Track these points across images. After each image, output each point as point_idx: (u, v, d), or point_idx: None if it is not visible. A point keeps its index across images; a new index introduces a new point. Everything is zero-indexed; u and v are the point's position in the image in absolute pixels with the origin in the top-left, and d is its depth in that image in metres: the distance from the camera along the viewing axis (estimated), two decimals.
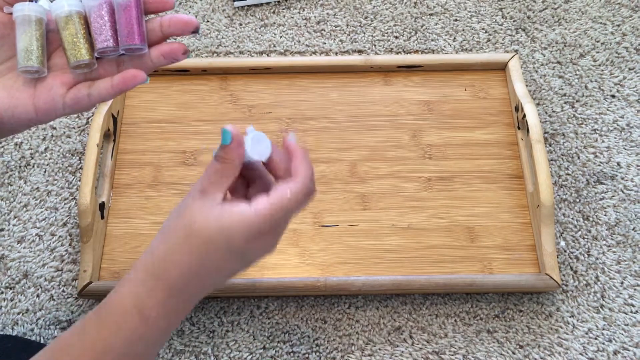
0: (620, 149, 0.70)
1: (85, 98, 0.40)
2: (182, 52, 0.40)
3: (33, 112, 0.39)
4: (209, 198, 0.37)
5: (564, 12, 0.80)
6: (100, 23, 0.39)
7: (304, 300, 0.62)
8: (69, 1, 0.39)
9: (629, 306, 0.62)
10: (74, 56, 0.39)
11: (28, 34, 0.39)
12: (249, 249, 0.37)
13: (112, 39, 0.39)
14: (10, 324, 0.61)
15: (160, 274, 0.37)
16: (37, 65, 0.39)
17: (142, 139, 0.70)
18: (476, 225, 0.65)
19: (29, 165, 0.69)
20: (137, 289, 0.37)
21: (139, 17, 0.39)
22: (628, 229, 0.66)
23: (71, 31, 0.39)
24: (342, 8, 0.80)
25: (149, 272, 0.37)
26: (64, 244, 0.65)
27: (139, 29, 0.39)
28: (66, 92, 0.40)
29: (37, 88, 0.40)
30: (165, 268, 0.37)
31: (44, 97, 0.39)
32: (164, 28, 0.40)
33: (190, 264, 0.37)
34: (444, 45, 0.77)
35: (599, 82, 0.74)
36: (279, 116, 0.71)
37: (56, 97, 0.39)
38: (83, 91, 0.40)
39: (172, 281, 0.37)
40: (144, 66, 0.40)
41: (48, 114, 0.40)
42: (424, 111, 0.71)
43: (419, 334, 0.61)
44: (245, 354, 0.60)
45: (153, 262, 0.37)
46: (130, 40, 0.39)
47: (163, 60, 0.40)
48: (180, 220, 0.37)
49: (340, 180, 0.67)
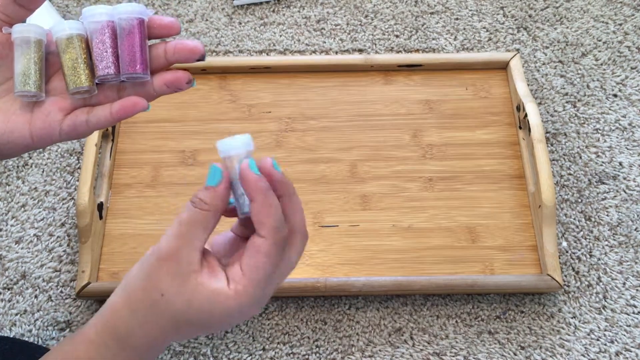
0: (622, 149, 0.70)
1: (83, 125, 0.38)
2: (186, 81, 0.38)
3: (29, 138, 0.38)
4: (181, 263, 0.32)
5: (566, 11, 0.79)
6: (101, 49, 0.38)
7: (304, 301, 0.62)
8: (70, 24, 0.38)
9: (631, 307, 0.62)
10: (73, 82, 0.38)
11: (26, 57, 0.37)
12: (230, 323, 0.34)
13: (113, 66, 0.38)
14: (8, 325, 0.61)
15: (125, 342, 0.34)
16: (35, 90, 0.38)
17: (141, 139, 0.69)
18: (477, 225, 0.64)
19: (27, 165, 0.69)
20: (99, 351, 0.34)
21: (142, 44, 0.37)
22: (630, 229, 0.65)
23: (72, 55, 0.38)
24: (342, 7, 0.80)
25: (113, 336, 0.34)
26: (62, 244, 0.65)
27: (142, 57, 0.37)
28: (63, 118, 0.39)
29: (34, 113, 0.38)
30: (130, 335, 0.34)
31: (41, 123, 0.38)
32: (168, 55, 0.38)
33: (156, 338, 0.34)
34: (445, 44, 0.77)
35: (601, 82, 0.74)
36: (279, 116, 0.70)
37: (53, 124, 0.38)
38: (81, 117, 0.38)
39: (138, 351, 0.34)
40: (146, 94, 0.39)
41: (44, 140, 0.39)
42: (425, 111, 0.71)
43: (419, 335, 0.60)
44: (245, 355, 0.59)
45: (116, 327, 0.34)
46: (132, 69, 0.37)
47: (166, 89, 0.39)
48: (146, 283, 0.33)
49: (340, 180, 0.67)
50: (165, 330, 0.34)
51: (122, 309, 0.34)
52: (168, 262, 0.33)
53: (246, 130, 0.69)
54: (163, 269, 0.33)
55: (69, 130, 0.38)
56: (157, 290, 0.33)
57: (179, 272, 0.32)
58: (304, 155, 0.68)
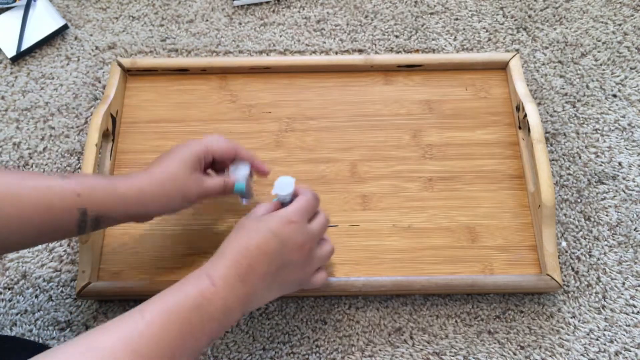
0: (621, 149, 0.70)
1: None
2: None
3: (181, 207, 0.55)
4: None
5: (565, 11, 0.79)
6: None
7: (304, 301, 0.62)
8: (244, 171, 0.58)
9: (630, 307, 0.62)
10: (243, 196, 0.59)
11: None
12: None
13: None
14: (8, 324, 0.61)
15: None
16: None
17: (141, 139, 0.69)
18: (477, 225, 0.64)
19: (28, 165, 0.69)
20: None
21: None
22: (630, 229, 0.65)
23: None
24: (342, 7, 0.80)
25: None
26: (62, 244, 0.65)
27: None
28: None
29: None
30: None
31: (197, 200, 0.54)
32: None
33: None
34: (444, 44, 0.77)
35: (601, 82, 0.74)
36: (279, 116, 0.70)
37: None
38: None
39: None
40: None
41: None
42: (425, 111, 0.71)
43: (419, 335, 0.60)
44: (245, 354, 0.59)
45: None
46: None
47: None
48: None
49: (340, 180, 0.67)
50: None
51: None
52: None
53: (246, 129, 0.69)
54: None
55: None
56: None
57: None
58: (304, 155, 0.68)
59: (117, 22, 0.79)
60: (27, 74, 0.75)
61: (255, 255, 0.46)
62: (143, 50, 0.77)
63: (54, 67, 0.75)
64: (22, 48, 0.75)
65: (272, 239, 0.47)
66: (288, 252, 0.48)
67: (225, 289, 0.44)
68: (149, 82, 0.73)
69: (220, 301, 0.43)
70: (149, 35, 0.78)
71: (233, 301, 0.44)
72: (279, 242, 0.47)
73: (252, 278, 0.45)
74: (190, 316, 0.41)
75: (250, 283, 0.45)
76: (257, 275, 0.46)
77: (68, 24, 0.78)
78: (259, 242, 0.46)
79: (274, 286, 0.49)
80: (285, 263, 0.48)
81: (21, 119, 0.72)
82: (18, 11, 0.78)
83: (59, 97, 0.73)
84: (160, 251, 0.63)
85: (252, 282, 0.46)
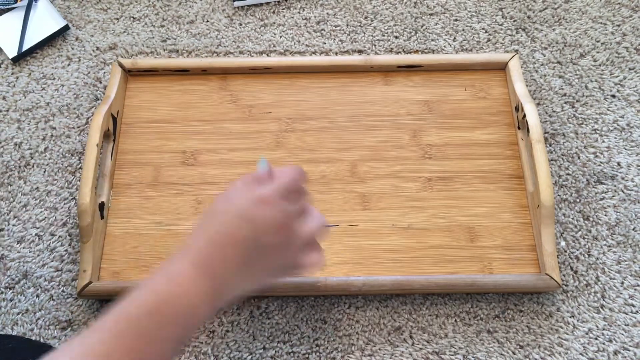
0: (620, 149, 0.70)
1: None
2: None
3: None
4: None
5: (564, 12, 0.79)
6: None
7: (304, 301, 0.62)
8: None
9: (629, 306, 0.62)
10: None
11: None
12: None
13: None
14: (9, 324, 0.61)
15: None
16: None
17: (142, 139, 0.70)
18: (476, 225, 0.64)
19: (29, 165, 0.69)
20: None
21: None
22: (628, 229, 0.66)
23: None
24: (342, 8, 0.80)
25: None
26: (63, 244, 0.65)
27: None
28: None
29: None
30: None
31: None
32: None
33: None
34: (444, 45, 0.77)
35: (599, 82, 0.74)
36: (279, 116, 0.71)
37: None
38: None
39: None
40: None
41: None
42: (424, 111, 0.71)
43: (419, 334, 0.61)
44: (245, 354, 0.60)
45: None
46: None
47: None
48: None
49: (340, 180, 0.67)
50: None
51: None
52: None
53: (246, 130, 0.70)
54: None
55: None
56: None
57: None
58: (304, 155, 0.68)
59: (118, 23, 0.79)
60: (28, 74, 0.75)
61: (224, 244, 0.42)
62: (144, 51, 0.77)
63: (55, 68, 0.76)
64: (24, 49, 0.75)
65: (243, 224, 0.43)
66: (262, 235, 0.43)
67: (187, 287, 0.40)
68: (150, 83, 0.73)
69: (183, 300, 0.39)
70: (149, 36, 0.78)
71: (199, 299, 0.40)
72: (250, 227, 0.43)
73: (220, 270, 0.41)
74: (146, 323, 0.37)
75: (219, 276, 0.41)
76: (228, 266, 0.42)
77: (69, 24, 0.78)
78: (227, 229, 0.42)
79: (253, 275, 0.44)
80: (261, 248, 0.43)
81: (22, 119, 0.72)
82: (19, 12, 0.78)
83: (60, 97, 0.74)
84: (160, 251, 0.63)
85: (221, 275, 0.42)
